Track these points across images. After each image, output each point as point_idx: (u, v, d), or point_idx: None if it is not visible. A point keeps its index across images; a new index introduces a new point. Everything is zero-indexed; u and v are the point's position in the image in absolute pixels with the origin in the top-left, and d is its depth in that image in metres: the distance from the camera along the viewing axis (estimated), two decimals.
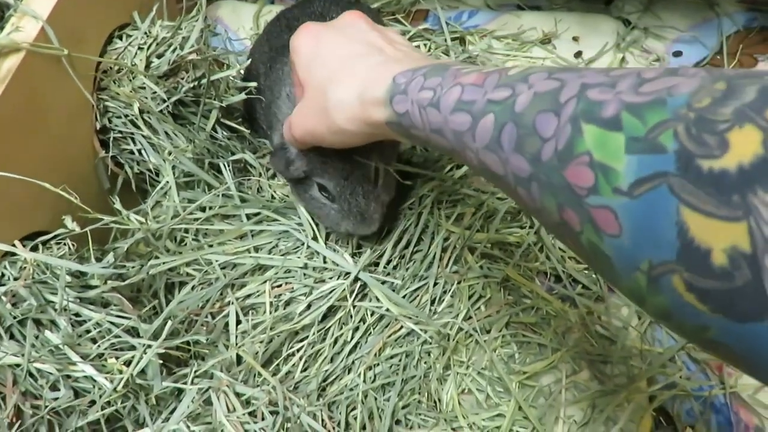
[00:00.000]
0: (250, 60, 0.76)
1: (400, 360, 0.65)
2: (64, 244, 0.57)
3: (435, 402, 0.64)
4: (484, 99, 0.35)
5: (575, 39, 0.94)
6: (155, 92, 0.64)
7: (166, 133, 0.67)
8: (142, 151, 0.68)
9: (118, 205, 0.63)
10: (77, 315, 0.53)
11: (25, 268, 0.52)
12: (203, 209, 0.69)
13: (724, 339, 0.23)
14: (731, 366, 0.26)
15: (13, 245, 0.53)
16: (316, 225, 0.67)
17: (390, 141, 0.64)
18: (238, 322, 0.63)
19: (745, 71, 0.24)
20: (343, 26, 0.52)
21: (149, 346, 0.53)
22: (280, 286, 0.66)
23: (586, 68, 0.31)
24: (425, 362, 0.65)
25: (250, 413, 0.55)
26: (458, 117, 0.37)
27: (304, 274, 0.66)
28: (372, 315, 0.65)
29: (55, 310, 0.52)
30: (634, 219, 0.25)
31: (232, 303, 0.63)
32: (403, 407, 0.63)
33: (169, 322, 0.55)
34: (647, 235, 0.24)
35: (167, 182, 0.68)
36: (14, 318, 0.50)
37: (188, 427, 0.53)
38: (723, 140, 0.22)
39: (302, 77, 0.52)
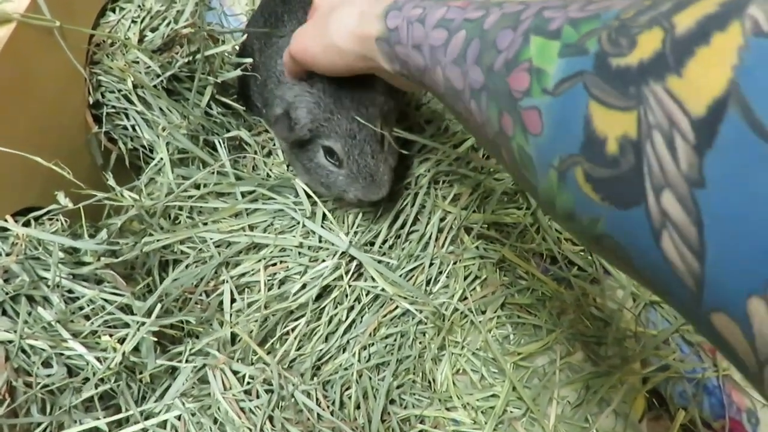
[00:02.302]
0: (245, 36, 0.75)
1: (395, 340, 0.64)
2: (57, 220, 0.56)
3: (429, 382, 0.64)
4: (461, 18, 0.38)
5: None
6: (149, 67, 0.63)
7: (161, 108, 0.66)
8: (136, 127, 0.67)
9: (111, 182, 0.63)
10: (70, 291, 0.53)
11: (17, 243, 0.52)
12: (198, 186, 0.68)
13: (610, 230, 0.25)
14: (615, 264, 0.29)
15: (5, 220, 0.52)
16: (314, 203, 0.67)
17: (392, 111, 0.64)
18: (233, 301, 0.63)
19: None
20: None
21: (143, 324, 0.52)
22: (275, 264, 0.65)
23: None
24: (420, 342, 0.65)
25: (245, 391, 0.55)
26: (437, 33, 0.40)
27: (299, 253, 0.65)
28: (367, 294, 0.65)
29: (48, 286, 0.51)
30: (553, 115, 0.27)
31: (227, 281, 0.63)
32: (398, 387, 0.63)
33: (164, 300, 0.55)
34: (561, 130, 0.27)
35: (161, 159, 0.67)
36: (6, 294, 0.50)
37: (183, 404, 0.52)
38: (633, 41, 0.24)
39: (317, 2, 0.55)
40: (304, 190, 0.67)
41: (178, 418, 0.53)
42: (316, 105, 0.60)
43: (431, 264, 0.67)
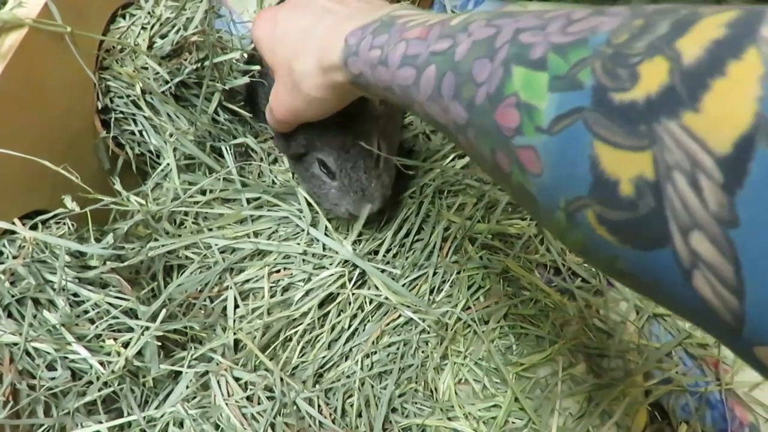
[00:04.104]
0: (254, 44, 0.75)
1: (397, 348, 0.65)
2: (64, 224, 0.56)
3: (431, 391, 0.64)
4: (427, 51, 0.35)
5: None
6: (158, 73, 0.63)
7: (168, 114, 0.67)
8: (144, 133, 0.68)
9: (118, 186, 0.63)
10: (76, 295, 0.53)
11: (24, 246, 0.52)
12: (203, 192, 0.68)
13: (632, 269, 0.24)
14: (640, 293, 0.27)
15: (13, 223, 0.53)
16: (317, 212, 0.67)
17: (391, 122, 0.64)
18: (236, 307, 0.63)
19: (666, 7, 0.24)
20: (295, 2, 0.53)
21: (147, 328, 0.53)
22: (279, 271, 0.66)
23: (522, 12, 0.31)
24: (423, 351, 0.65)
25: (247, 398, 0.55)
26: (404, 72, 0.37)
27: (303, 261, 0.65)
28: (370, 303, 0.65)
29: (54, 289, 0.51)
30: (553, 156, 0.25)
31: (231, 287, 0.63)
32: (400, 396, 0.63)
33: (168, 305, 0.55)
34: (564, 171, 0.25)
35: (168, 164, 0.68)
36: (12, 296, 0.50)
37: (186, 410, 0.53)
38: (634, 73, 0.22)
39: (270, 62, 0.53)
40: (306, 199, 0.67)
41: (181, 424, 0.53)
42: (312, 125, 0.60)
43: (435, 273, 0.67)
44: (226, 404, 0.53)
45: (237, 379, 0.56)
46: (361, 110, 0.60)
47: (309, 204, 0.66)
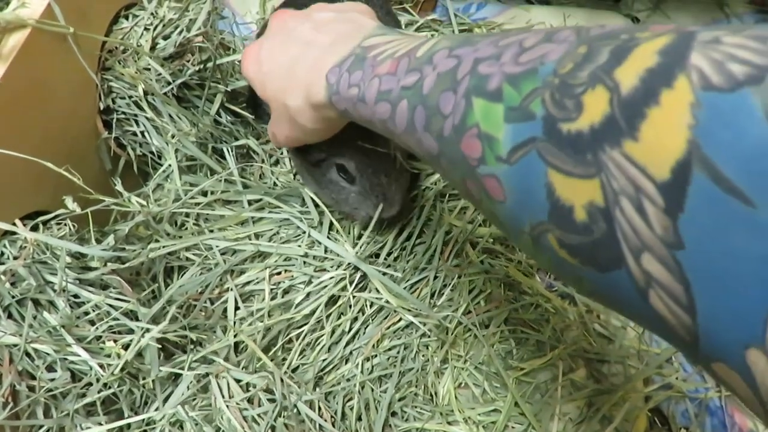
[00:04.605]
0: None
1: (398, 352, 0.64)
2: (65, 225, 0.56)
3: (431, 395, 0.64)
4: (398, 87, 0.37)
5: None
6: (160, 74, 0.63)
7: (170, 115, 0.67)
8: (145, 134, 0.68)
9: (119, 187, 0.63)
10: (76, 296, 0.53)
11: (25, 247, 0.52)
12: (205, 194, 0.68)
13: (596, 288, 0.25)
14: (613, 311, 0.28)
15: (14, 224, 0.53)
16: (321, 213, 0.67)
17: None
18: (237, 309, 0.63)
19: (608, 31, 0.25)
20: (276, 33, 0.54)
21: (148, 330, 0.53)
22: (279, 273, 0.65)
23: (481, 38, 0.32)
24: (423, 355, 0.65)
25: (247, 400, 0.55)
26: (381, 107, 0.39)
27: (305, 263, 0.65)
28: (371, 306, 0.65)
29: (54, 290, 0.51)
30: (514, 184, 0.27)
31: (232, 289, 0.63)
32: (400, 399, 0.63)
33: (169, 307, 0.55)
34: (524, 198, 0.26)
35: (169, 165, 0.68)
36: (13, 297, 0.50)
37: (187, 413, 0.53)
38: (579, 103, 0.23)
39: (263, 97, 0.54)
40: (312, 200, 0.67)
41: (181, 426, 0.53)
42: None
43: (436, 277, 0.67)
44: (227, 406, 0.53)
45: (237, 381, 0.56)
46: None
47: (315, 204, 0.66)
